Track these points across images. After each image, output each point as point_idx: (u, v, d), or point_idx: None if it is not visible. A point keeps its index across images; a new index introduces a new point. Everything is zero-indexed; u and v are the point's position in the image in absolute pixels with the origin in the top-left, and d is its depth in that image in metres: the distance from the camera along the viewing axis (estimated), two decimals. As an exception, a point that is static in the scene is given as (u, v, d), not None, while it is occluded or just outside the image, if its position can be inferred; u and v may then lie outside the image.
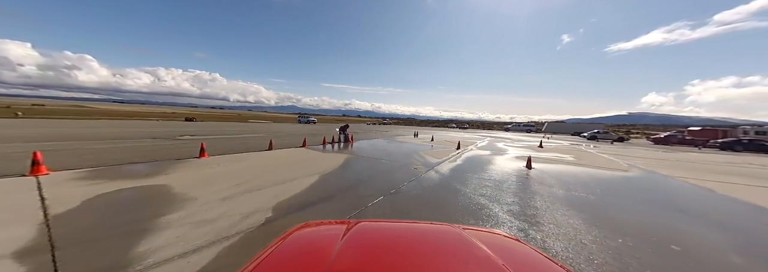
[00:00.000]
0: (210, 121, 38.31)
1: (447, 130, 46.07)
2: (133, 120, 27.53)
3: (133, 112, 50.48)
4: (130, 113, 45.97)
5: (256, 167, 6.34)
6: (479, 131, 43.86)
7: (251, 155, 8.05)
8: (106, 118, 29.36)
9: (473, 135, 28.46)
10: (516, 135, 34.79)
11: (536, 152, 12.62)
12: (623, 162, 10.38)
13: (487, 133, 35.08)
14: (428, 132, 30.54)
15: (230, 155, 7.90)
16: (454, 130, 42.95)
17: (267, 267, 0.84)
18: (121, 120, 26.04)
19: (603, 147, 18.08)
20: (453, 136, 24.64)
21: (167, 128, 17.95)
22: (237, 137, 13.72)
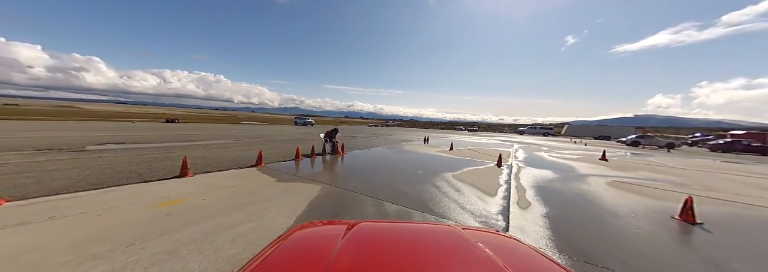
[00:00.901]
0: (196, 122, 34.67)
1: (456, 133, 41.89)
2: (101, 121, 23.88)
3: (116, 113, 47.16)
4: (111, 114, 42.64)
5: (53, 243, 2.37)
6: (494, 135, 39.52)
7: (117, 194, 4.04)
8: (78, 119, 25.84)
9: (491, 139, 24.27)
10: (539, 139, 30.52)
11: (617, 171, 8.47)
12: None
13: (504, 137, 30.84)
14: (437, 135, 26.49)
15: (66, 197, 3.91)
16: (464, 134, 38.69)
17: (267, 267, 0.84)
18: (83, 121, 22.36)
19: (679, 160, 13.83)
20: (468, 141, 20.54)
21: (109, 133, 14.09)
22: (177, 146, 9.77)
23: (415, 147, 13.17)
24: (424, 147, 13.43)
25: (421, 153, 10.81)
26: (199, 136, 14.30)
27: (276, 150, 9.50)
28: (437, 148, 12.91)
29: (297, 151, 7.84)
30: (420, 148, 12.59)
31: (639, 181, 6.81)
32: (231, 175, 5.43)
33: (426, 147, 13.51)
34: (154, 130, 17.49)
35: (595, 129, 42.47)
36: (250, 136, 15.95)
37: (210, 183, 4.75)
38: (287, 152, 9.18)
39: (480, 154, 11.21)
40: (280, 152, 9.14)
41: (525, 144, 19.77)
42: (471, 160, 9.27)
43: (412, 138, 19.88)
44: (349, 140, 15.74)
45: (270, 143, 12.16)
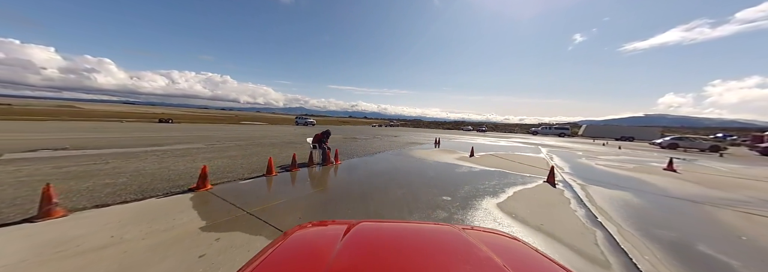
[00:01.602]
0: (190, 123, 32.98)
1: (464, 133, 39.41)
2: (90, 122, 22.20)
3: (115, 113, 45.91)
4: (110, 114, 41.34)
5: None
6: (507, 136, 36.91)
7: None
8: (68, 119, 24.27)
9: (508, 141, 21.81)
10: (558, 140, 27.89)
11: (718, 191, 6.08)
12: None
13: (519, 139, 28.29)
14: (446, 136, 24.14)
15: None
16: (474, 134, 36.18)
17: (267, 267, 0.83)
18: (70, 122, 20.66)
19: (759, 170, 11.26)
20: (483, 143, 18.14)
21: (74, 134, 12.18)
22: (129, 153, 7.71)
23: (428, 153, 10.88)
24: (437, 152, 11.13)
25: (437, 162, 8.52)
26: (173, 138, 12.27)
27: (250, 160, 7.34)
28: (454, 154, 10.60)
29: (270, 163, 5.63)
30: (433, 154, 10.30)
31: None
32: (137, 212, 3.25)
33: (440, 152, 11.21)
34: (131, 130, 15.57)
35: (617, 129, 39.34)
36: (235, 138, 13.87)
37: (69, 236, 2.57)
38: (263, 162, 7.02)
39: (512, 164, 8.88)
40: (254, 162, 6.97)
41: (551, 146, 17.30)
42: (507, 173, 6.95)
43: (421, 141, 17.58)
44: (350, 143, 13.56)
45: (251, 148, 10.03)
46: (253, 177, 5.29)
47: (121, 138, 11.20)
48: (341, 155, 8.91)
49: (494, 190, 5.07)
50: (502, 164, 8.56)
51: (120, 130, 15.41)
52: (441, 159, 8.87)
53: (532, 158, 10.56)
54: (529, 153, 12.59)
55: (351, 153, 9.50)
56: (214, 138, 13.38)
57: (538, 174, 6.93)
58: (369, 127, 56.08)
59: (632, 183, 6.49)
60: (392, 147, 12.21)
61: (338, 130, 30.72)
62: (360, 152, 10.05)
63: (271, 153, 8.79)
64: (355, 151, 10.19)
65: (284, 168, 6.21)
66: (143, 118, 35.50)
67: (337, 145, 12.09)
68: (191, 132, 16.74)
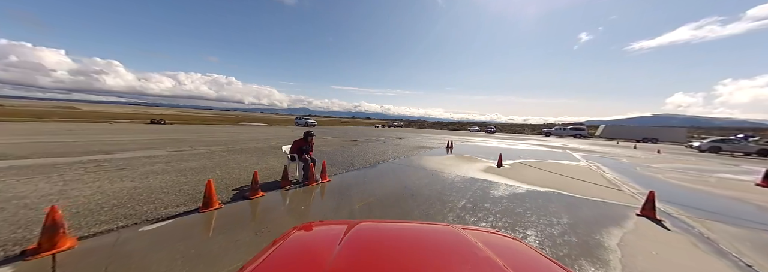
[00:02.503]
0: (183, 124, 31.30)
1: (474, 135, 37.15)
2: (76, 123, 20.51)
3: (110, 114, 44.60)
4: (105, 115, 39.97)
5: None
6: (519, 137, 34.62)
7: None
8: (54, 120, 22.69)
9: (527, 144, 19.57)
10: (578, 142, 25.55)
11: None
12: None
13: (535, 140, 26.00)
14: (455, 138, 21.97)
15: None
16: (484, 136, 33.93)
17: (267, 267, 0.83)
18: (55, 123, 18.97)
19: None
20: (499, 146, 15.96)
21: (36, 138, 10.31)
22: (59, 165, 5.75)
23: (443, 161, 8.78)
24: (454, 160, 9.02)
25: (460, 176, 6.41)
26: (138, 143, 10.36)
27: (205, 176, 5.32)
28: (476, 163, 8.48)
29: (209, 191, 3.56)
30: (451, 164, 8.19)
31: None
32: None
33: (457, 160, 9.09)
34: (106, 133, 13.75)
35: (638, 130, 36.56)
36: (215, 141, 11.92)
37: None
38: (221, 180, 5.00)
39: (560, 178, 6.74)
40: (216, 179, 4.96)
41: (580, 151, 15.06)
42: (569, 197, 4.83)
43: (429, 144, 15.46)
44: (348, 147, 11.54)
45: (224, 156, 8.04)
46: (175, 214, 3.25)
47: (76, 143, 9.32)
48: (333, 166, 6.87)
49: (582, 239, 2.97)
50: (548, 179, 6.43)
51: (93, 133, 13.60)
52: (464, 173, 6.75)
53: (576, 168, 8.39)
54: (565, 160, 10.40)
55: (346, 163, 7.45)
56: (189, 142, 11.45)
57: (613, 199, 4.81)
58: (371, 127, 53.98)
59: (749, 211, 4.35)
60: (398, 154, 10.13)
61: (339, 131, 28.75)
62: (358, 161, 7.99)
63: (244, 164, 6.79)
64: (353, 160, 8.13)
65: (242, 194, 4.18)
66: (138, 118, 34.01)
67: (332, 151, 10.10)
68: (171, 134, 14.85)
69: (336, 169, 6.53)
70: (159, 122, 29.64)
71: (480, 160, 9.10)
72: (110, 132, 14.95)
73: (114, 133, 14.44)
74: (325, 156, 8.70)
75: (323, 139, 15.85)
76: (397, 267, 0.83)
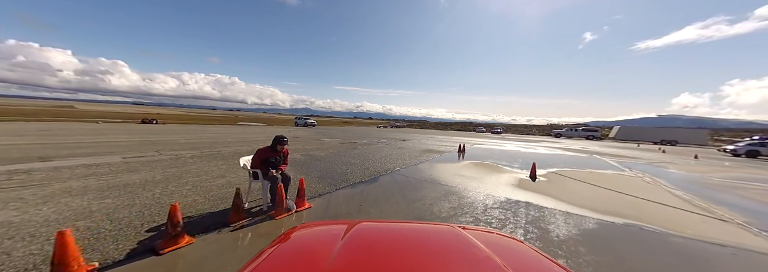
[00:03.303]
0: (178, 124, 30.01)
1: (480, 136, 35.44)
2: (61, 122, 19.17)
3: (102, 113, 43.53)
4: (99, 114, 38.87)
5: None
6: (535, 140, 32.85)
7: None
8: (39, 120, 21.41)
9: (547, 148, 17.83)
10: (597, 145, 23.75)
11: None
12: None
13: (551, 143, 24.24)
14: (463, 139, 20.27)
15: None
16: (492, 137, 32.19)
17: (267, 267, 0.82)
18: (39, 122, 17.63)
19: None
20: (516, 149, 14.26)
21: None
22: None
23: (459, 171, 7.12)
24: (473, 170, 7.36)
25: (489, 196, 4.77)
26: (107, 145, 8.88)
27: (141, 198, 3.75)
28: (502, 174, 6.82)
29: (63, 248, 1.98)
30: (471, 176, 6.53)
31: None
32: None
33: (476, 169, 7.44)
34: (81, 133, 12.32)
35: (657, 131, 34.37)
36: (193, 144, 10.37)
37: None
38: (153, 208, 3.42)
39: (618, 196, 5.09)
40: (141, 205, 3.39)
41: (609, 155, 13.31)
42: (665, 236, 3.19)
43: (437, 146, 13.80)
44: (345, 152, 9.94)
45: (191, 164, 6.48)
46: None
47: (28, 146, 7.87)
48: (321, 181, 5.26)
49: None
50: (608, 200, 4.76)
51: (67, 134, 12.19)
52: (494, 190, 5.08)
53: (628, 181, 6.70)
54: (604, 168, 8.68)
55: (339, 176, 5.83)
56: (164, 144, 9.93)
57: (731, 239, 3.17)
58: (373, 128, 52.40)
59: None
60: (403, 160, 8.50)
61: (339, 131, 27.19)
62: (355, 171, 6.36)
63: (206, 177, 5.21)
64: (348, 170, 6.51)
65: (160, 237, 2.59)
66: (133, 118, 32.81)
67: (325, 157, 8.49)
68: (152, 136, 13.37)
69: (324, 186, 4.92)
70: (151, 122, 28.38)
71: (505, 169, 7.43)
72: (90, 132, 13.55)
73: (92, 133, 13.02)
74: (314, 164, 7.10)
75: (319, 141, 14.29)
76: (397, 267, 0.82)
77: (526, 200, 4.52)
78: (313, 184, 4.95)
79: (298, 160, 7.66)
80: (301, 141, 14.06)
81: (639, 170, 8.70)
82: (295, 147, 10.83)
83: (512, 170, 7.39)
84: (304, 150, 10.25)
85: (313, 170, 6.32)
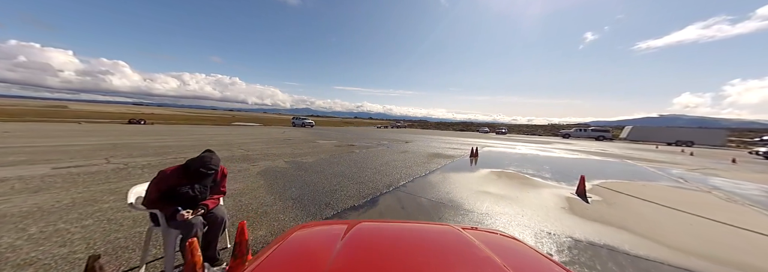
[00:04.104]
0: (167, 124, 28.57)
1: (484, 136, 33.95)
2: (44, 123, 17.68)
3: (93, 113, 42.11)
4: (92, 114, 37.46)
5: None
6: (546, 141, 31.38)
7: None
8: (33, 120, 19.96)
9: (567, 151, 16.28)
10: (619, 148, 22.21)
11: None
12: None
13: (567, 146, 22.72)
14: (469, 141, 18.71)
15: None
16: (498, 139, 30.70)
17: (267, 267, 0.82)
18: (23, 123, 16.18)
19: None
20: (534, 153, 12.71)
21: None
22: None
23: (481, 185, 5.58)
24: (497, 183, 5.82)
25: (542, 233, 3.26)
26: (58, 150, 7.38)
27: (10, 247, 2.21)
28: (540, 190, 5.27)
29: None
30: (501, 194, 4.98)
31: None
32: None
33: (501, 181, 5.90)
34: (49, 136, 10.81)
35: (671, 132, 32.63)
36: (163, 149, 8.85)
37: None
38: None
39: (709, 225, 3.59)
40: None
41: (642, 160, 11.77)
42: None
43: (445, 150, 12.26)
44: (339, 158, 8.41)
45: (128, 179, 4.97)
46: None
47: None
48: (296, 207, 3.71)
49: None
50: (702, 234, 3.22)
51: (30, 136, 10.77)
52: (544, 223, 3.51)
53: (697, 198, 5.16)
54: (653, 179, 7.13)
55: (324, 198, 4.29)
56: (122, 149, 8.41)
57: None
58: (373, 128, 50.87)
59: None
60: (409, 169, 6.97)
61: (337, 132, 25.68)
62: (346, 189, 4.83)
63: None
64: (338, 186, 4.98)
65: None
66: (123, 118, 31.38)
67: (313, 163, 6.83)
68: (124, 138, 11.88)
69: (296, 216, 3.40)
70: (138, 122, 27.01)
71: (538, 182, 5.89)
72: (58, 134, 12.11)
73: (59, 136, 11.54)
74: (297, 175, 5.57)
75: (312, 144, 12.77)
76: (397, 267, 0.82)
77: (600, 240, 2.98)
78: (281, 214, 3.43)
79: (276, 170, 6.14)
80: (291, 143, 12.54)
81: (694, 180, 7.14)
82: (282, 152, 9.31)
83: (547, 183, 5.85)
84: (292, 155, 8.73)
85: (292, 185, 4.79)
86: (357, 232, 1.06)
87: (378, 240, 1.04)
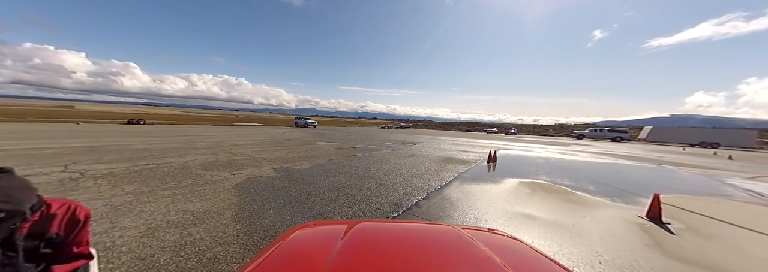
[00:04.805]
0: (167, 124, 28.00)
1: (492, 136, 32.58)
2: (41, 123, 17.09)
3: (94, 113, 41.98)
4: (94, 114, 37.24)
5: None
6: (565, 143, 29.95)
7: None
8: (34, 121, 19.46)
9: (591, 155, 14.92)
10: (647, 150, 20.66)
11: None
12: None
13: (584, 146, 21.28)
14: (479, 142, 17.45)
15: None
16: (508, 140, 29.32)
17: (267, 267, 0.81)
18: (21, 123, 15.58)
19: None
20: (552, 155, 11.40)
21: None
22: None
23: (516, 204, 4.39)
24: (531, 199, 4.62)
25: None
26: (20, 155, 6.44)
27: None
28: (591, 210, 4.06)
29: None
30: (541, 216, 3.78)
31: None
32: None
33: (532, 195, 4.71)
34: (33, 136, 9.98)
35: (693, 132, 30.52)
36: (139, 153, 7.83)
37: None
38: None
39: None
40: None
41: (682, 165, 10.38)
42: None
43: (454, 152, 11.05)
44: (341, 160, 7.29)
45: (70, 193, 3.91)
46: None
47: None
48: (264, 241, 2.56)
49: None
50: None
51: (15, 138, 9.92)
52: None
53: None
54: (717, 193, 5.83)
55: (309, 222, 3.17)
56: (96, 153, 7.43)
57: None
58: (377, 128, 49.74)
59: None
60: (420, 179, 5.81)
61: (340, 133, 24.63)
62: (341, 210, 3.70)
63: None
64: (331, 206, 3.84)
65: None
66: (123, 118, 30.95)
67: (310, 170, 5.59)
68: (108, 139, 10.99)
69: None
70: (137, 122, 26.46)
71: (586, 200, 4.65)
72: (45, 135, 11.41)
73: (45, 137, 10.81)
74: (282, 188, 4.44)
75: (311, 146, 11.70)
76: (397, 267, 0.81)
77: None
78: (238, 260, 2.30)
79: (260, 181, 5.04)
80: (288, 146, 11.49)
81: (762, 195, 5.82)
82: (274, 156, 8.24)
83: (598, 201, 4.62)
84: (285, 160, 7.65)
85: (271, 206, 3.68)
86: (357, 232, 1.06)
87: (378, 240, 1.03)
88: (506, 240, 1.12)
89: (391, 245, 0.99)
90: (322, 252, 0.88)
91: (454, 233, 1.10)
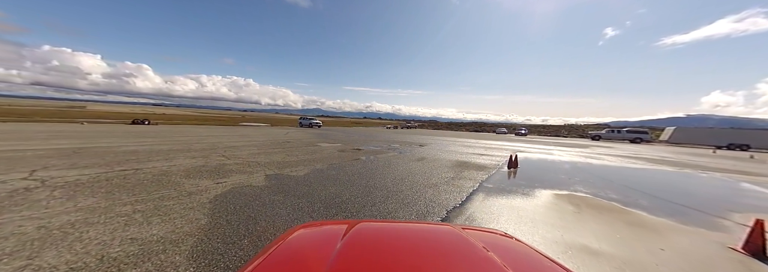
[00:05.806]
0: (172, 124, 27.79)
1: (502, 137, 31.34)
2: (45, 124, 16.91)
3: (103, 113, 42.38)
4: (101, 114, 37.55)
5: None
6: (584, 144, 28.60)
7: None
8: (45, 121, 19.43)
9: (620, 160, 13.76)
10: (676, 153, 19.28)
11: None
12: None
13: (606, 148, 20.03)
14: (492, 143, 16.40)
15: None
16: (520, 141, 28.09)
17: (267, 267, 0.82)
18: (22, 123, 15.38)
19: None
20: (576, 159, 10.32)
21: None
22: None
23: (559, 230, 3.52)
24: (579, 222, 3.70)
25: None
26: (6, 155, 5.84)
27: None
28: (663, 237, 3.13)
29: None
30: (605, 250, 2.89)
31: None
32: None
33: (577, 215, 3.78)
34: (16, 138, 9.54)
35: (721, 133, 28.44)
36: (126, 156, 7.16)
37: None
38: None
39: None
40: None
41: (716, 170, 9.21)
42: None
43: (467, 155, 10.09)
44: (343, 166, 6.47)
45: (7, 210, 3.17)
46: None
47: None
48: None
49: None
50: None
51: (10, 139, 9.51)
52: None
53: None
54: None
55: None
56: (80, 155, 6.80)
57: None
58: (383, 128, 48.91)
59: None
60: (434, 190, 4.93)
61: (344, 133, 23.88)
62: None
63: None
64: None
65: None
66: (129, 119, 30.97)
67: (306, 178, 4.70)
68: (102, 140, 10.46)
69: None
70: (142, 122, 26.29)
71: (650, 222, 3.68)
72: (41, 136, 10.96)
73: (40, 138, 10.36)
74: (268, 203, 3.61)
75: (313, 148, 10.93)
76: (397, 267, 0.82)
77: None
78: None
79: (245, 193, 4.24)
80: (288, 147, 10.74)
81: None
82: (270, 160, 7.47)
83: (665, 222, 3.65)
84: (281, 164, 6.86)
85: (249, 230, 2.85)
86: (357, 232, 1.06)
87: (378, 240, 1.03)
88: (507, 240, 1.11)
89: (391, 245, 0.98)
90: (322, 252, 0.88)
91: (455, 233, 1.10)
